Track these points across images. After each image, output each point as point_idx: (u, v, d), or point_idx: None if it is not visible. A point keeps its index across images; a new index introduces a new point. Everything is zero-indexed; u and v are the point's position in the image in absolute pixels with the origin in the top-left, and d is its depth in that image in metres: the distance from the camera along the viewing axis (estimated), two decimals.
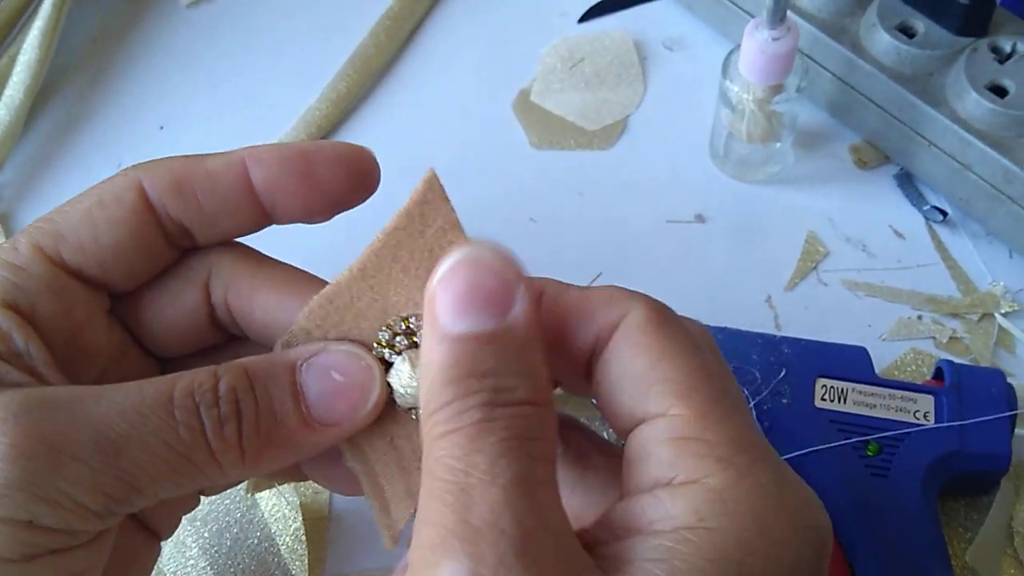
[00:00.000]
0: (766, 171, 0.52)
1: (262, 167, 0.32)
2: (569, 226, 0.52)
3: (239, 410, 0.29)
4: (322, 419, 0.29)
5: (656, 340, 0.27)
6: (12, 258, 0.30)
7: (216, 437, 0.28)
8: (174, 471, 0.28)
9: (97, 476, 0.27)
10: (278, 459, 0.30)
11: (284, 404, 0.29)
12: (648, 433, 0.27)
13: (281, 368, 0.30)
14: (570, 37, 0.58)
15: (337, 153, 0.33)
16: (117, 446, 0.27)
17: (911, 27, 0.49)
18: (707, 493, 0.25)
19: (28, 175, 0.55)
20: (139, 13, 0.62)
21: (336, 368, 0.29)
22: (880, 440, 0.40)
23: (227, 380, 0.29)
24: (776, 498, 0.25)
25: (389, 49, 0.58)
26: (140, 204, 0.31)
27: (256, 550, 0.42)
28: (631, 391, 0.27)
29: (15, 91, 0.54)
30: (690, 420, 0.26)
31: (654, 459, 0.26)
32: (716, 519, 0.25)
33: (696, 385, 0.26)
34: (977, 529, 0.41)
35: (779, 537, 0.25)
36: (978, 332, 0.47)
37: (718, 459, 0.25)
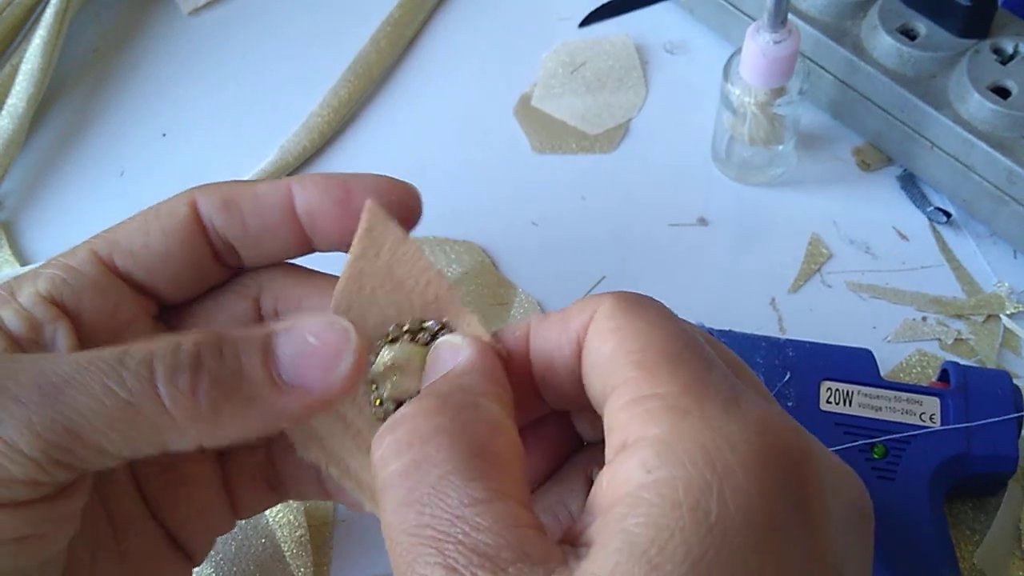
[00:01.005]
0: (768, 174, 0.52)
1: (304, 192, 0.33)
2: (571, 230, 0.52)
3: (199, 362, 0.28)
4: (292, 380, 0.28)
5: (620, 322, 0.27)
6: (67, 259, 0.33)
7: (168, 383, 0.27)
8: (117, 418, 0.27)
9: (32, 416, 0.26)
10: (242, 418, 0.28)
11: (252, 360, 0.28)
12: (609, 406, 0.26)
13: (256, 332, 0.29)
14: (571, 41, 0.58)
15: (376, 185, 0.33)
16: (57, 388, 0.27)
17: (913, 29, 0.49)
18: (654, 444, 0.24)
19: (31, 183, 0.55)
20: (141, 21, 0.62)
21: (311, 331, 0.29)
22: (886, 443, 0.40)
23: (193, 338, 0.28)
24: (725, 428, 0.24)
25: (390, 55, 0.58)
26: (191, 218, 0.33)
27: (260, 556, 0.42)
28: (598, 376, 0.27)
29: (18, 100, 0.55)
30: (641, 380, 0.26)
31: (614, 430, 0.26)
32: (663, 467, 0.24)
33: (649, 347, 0.26)
34: (985, 531, 0.41)
35: (733, 466, 0.23)
36: (983, 333, 0.47)
37: (667, 408, 0.25)
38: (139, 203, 0.54)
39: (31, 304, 0.31)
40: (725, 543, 0.22)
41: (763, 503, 0.23)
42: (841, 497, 0.26)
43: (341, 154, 0.55)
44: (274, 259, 0.35)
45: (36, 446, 0.26)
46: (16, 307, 0.31)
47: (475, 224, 0.52)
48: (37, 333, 0.31)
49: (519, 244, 0.51)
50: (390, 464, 0.26)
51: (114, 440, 0.27)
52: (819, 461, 0.25)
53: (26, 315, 0.31)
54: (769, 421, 0.25)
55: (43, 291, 0.31)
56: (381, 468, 0.26)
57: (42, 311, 0.31)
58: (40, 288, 0.32)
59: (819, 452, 0.26)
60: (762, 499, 0.23)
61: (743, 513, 0.23)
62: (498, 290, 0.49)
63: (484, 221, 0.52)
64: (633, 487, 0.24)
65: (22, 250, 0.53)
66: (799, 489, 0.24)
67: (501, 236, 0.51)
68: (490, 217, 0.52)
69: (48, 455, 0.26)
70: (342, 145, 0.56)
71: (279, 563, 0.42)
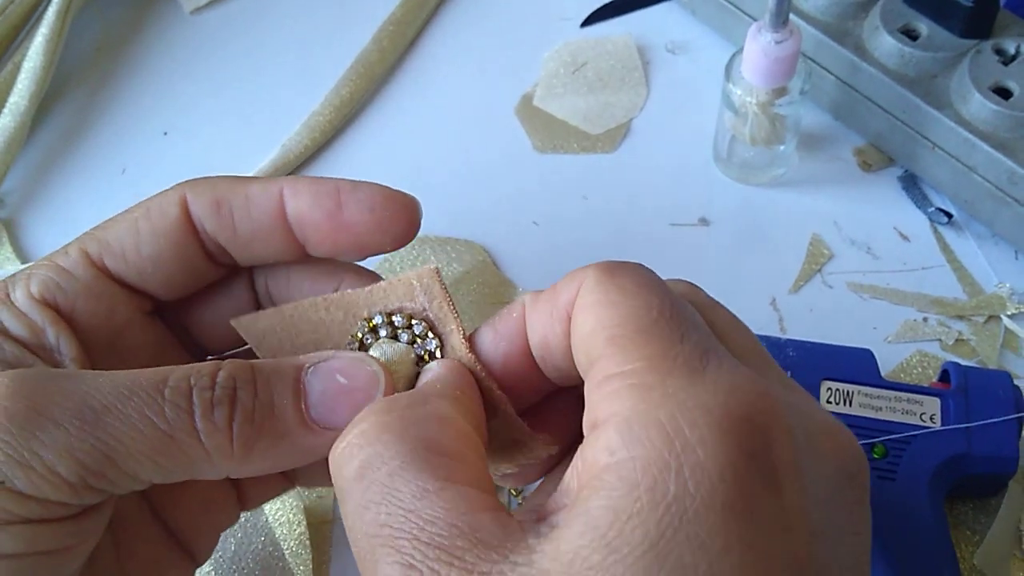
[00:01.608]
0: (770, 174, 0.52)
1: (296, 198, 0.32)
2: (573, 230, 0.52)
3: (234, 397, 0.28)
4: (322, 420, 0.29)
5: (599, 296, 0.26)
6: (61, 261, 0.32)
7: (204, 418, 0.28)
8: (154, 448, 0.27)
9: (72, 442, 0.27)
10: (272, 455, 0.29)
11: (284, 398, 0.29)
12: (586, 387, 0.26)
13: (287, 367, 0.30)
14: (573, 41, 0.58)
15: (370, 196, 0.32)
16: (97, 415, 0.27)
17: (914, 29, 0.49)
18: (617, 424, 0.23)
19: (33, 181, 0.55)
20: (143, 20, 0.62)
21: (342, 372, 0.29)
22: (887, 443, 0.40)
23: (228, 369, 0.29)
24: (687, 401, 0.23)
25: (392, 54, 0.58)
26: (182, 220, 0.33)
27: (260, 554, 0.42)
28: (583, 352, 0.27)
29: (20, 98, 0.55)
30: (612, 357, 0.25)
31: (588, 408, 0.25)
32: (623, 448, 0.23)
33: (623, 320, 0.25)
34: (985, 532, 0.41)
35: (694, 440, 0.23)
36: (984, 334, 0.47)
37: (631, 386, 0.24)
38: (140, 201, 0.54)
39: (26, 307, 0.31)
40: (684, 524, 0.22)
41: (725, 479, 0.22)
42: (823, 459, 0.25)
43: (343, 153, 0.55)
44: (266, 262, 0.34)
45: (74, 471, 0.27)
46: (13, 310, 0.31)
47: (476, 223, 0.52)
48: (39, 337, 0.31)
49: (520, 244, 0.51)
50: (343, 468, 0.26)
51: (147, 468, 0.28)
52: (792, 424, 0.24)
53: (25, 319, 0.31)
54: (734, 386, 0.24)
55: (36, 293, 0.31)
56: (336, 474, 0.26)
57: (39, 314, 0.31)
58: (33, 290, 0.31)
59: (797, 413, 0.25)
60: (723, 474, 0.22)
61: (703, 491, 0.22)
62: (499, 289, 0.49)
63: (485, 220, 0.52)
64: (598, 470, 0.23)
65: (23, 248, 0.53)
66: (766, 457, 0.23)
67: (502, 235, 0.51)
68: (491, 216, 0.52)
69: (84, 480, 0.27)
70: (344, 144, 0.56)
71: (279, 561, 0.42)
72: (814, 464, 0.25)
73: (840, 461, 0.26)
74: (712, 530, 0.22)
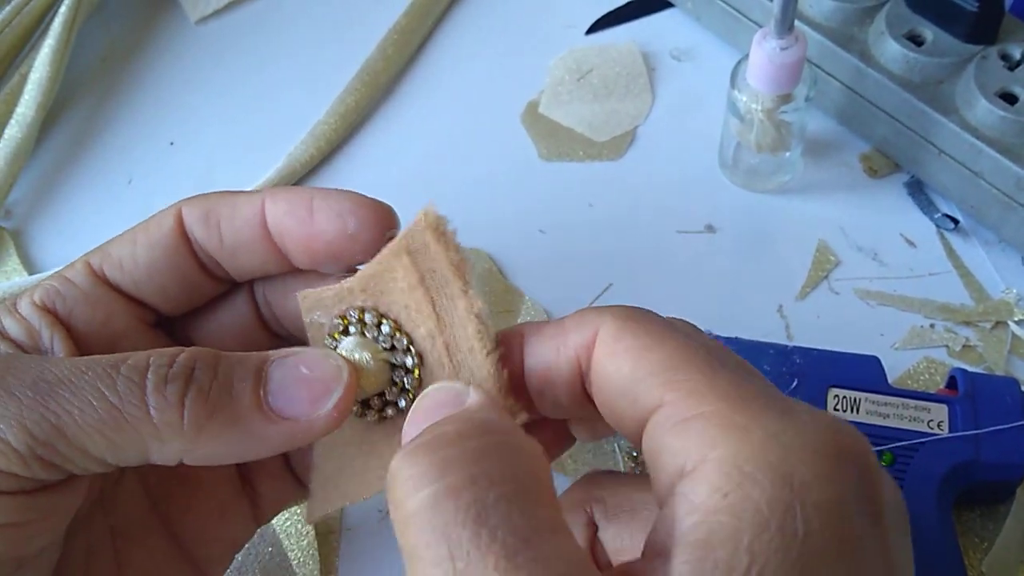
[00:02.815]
0: (776, 180, 0.52)
1: (274, 207, 0.33)
2: (579, 237, 0.52)
3: (190, 375, 0.28)
4: (279, 407, 0.28)
5: (631, 342, 0.27)
6: (65, 271, 0.33)
7: (156, 392, 0.27)
8: (103, 422, 0.27)
9: (23, 411, 0.27)
10: (224, 438, 0.28)
11: (242, 382, 0.28)
12: (651, 431, 0.26)
13: (252, 358, 0.29)
14: (578, 48, 0.58)
15: (338, 203, 0.32)
16: (51, 386, 0.27)
17: (920, 35, 0.49)
18: (721, 465, 0.23)
19: (40, 192, 0.56)
20: (148, 31, 0.62)
21: (305, 363, 0.29)
22: (894, 450, 0.40)
23: (191, 352, 0.29)
24: (790, 441, 0.23)
25: (397, 63, 0.58)
26: (176, 231, 0.33)
27: (268, 564, 0.42)
28: (625, 399, 0.27)
29: (27, 108, 0.55)
30: (681, 401, 0.25)
31: (665, 455, 0.25)
32: (739, 488, 0.23)
33: (679, 366, 0.26)
34: (993, 539, 0.41)
35: (808, 479, 0.23)
36: (992, 340, 0.47)
37: (720, 427, 0.24)
38: (147, 211, 0.54)
39: (28, 312, 0.32)
40: (815, 562, 0.22)
41: (843, 514, 0.23)
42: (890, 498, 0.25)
43: (348, 162, 0.56)
44: (255, 274, 0.34)
45: (22, 441, 0.27)
46: (16, 316, 0.32)
47: (482, 231, 0.52)
48: (35, 340, 0.31)
49: (526, 251, 0.51)
50: (432, 482, 0.23)
51: (97, 443, 0.27)
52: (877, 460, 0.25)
53: (25, 323, 0.32)
54: (826, 422, 0.24)
55: (37, 300, 0.32)
56: (416, 488, 0.23)
57: (37, 319, 0.32)
58: (35, 298, 0.32)
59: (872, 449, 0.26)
60: (841, 509, 0.23)
61: (826, 528, 0.22)
62: (505, 297, 0.49)
63: (491, 228, 0.52)
64: (708, 513, 0.23)
65: (31, 258, 0.53)
66: (870, 492, 0.24)
67: (508, 243, 0.51)
68: (497, 224, 0.52)
69: (32, 451, 0.27)
70: (349, 153, 0.56)
71: (286, 571, 0.42)
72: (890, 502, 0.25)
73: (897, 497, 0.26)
74: (837, 567, 0.22)
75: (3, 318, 0.32)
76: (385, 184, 0.54)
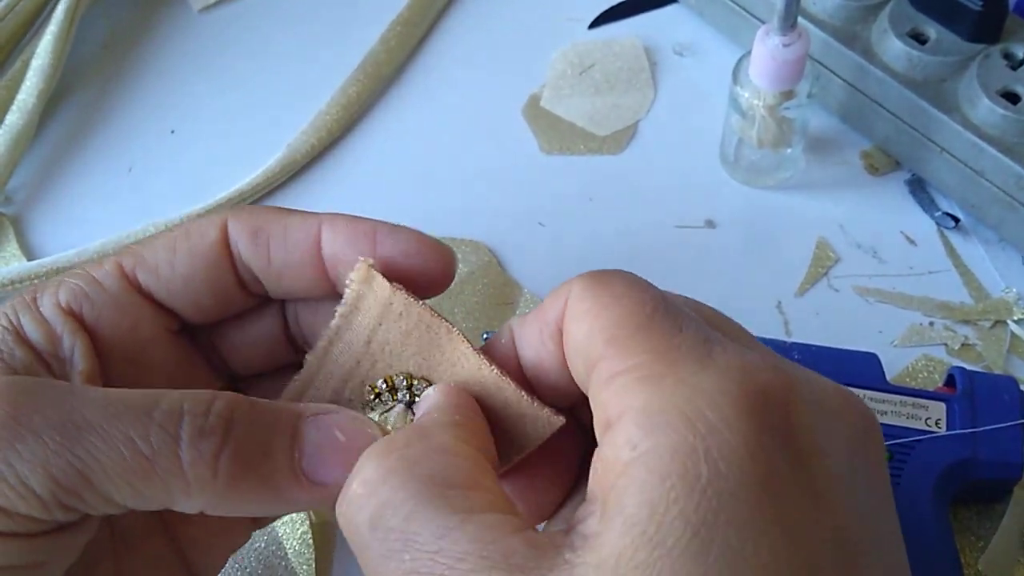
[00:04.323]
0: (777, 177, 0.52)
1: (332, 235, 0.32)
2: (578, 231, 0.51)
3: (228, 429, 0.27)
4: (312, 473, 0.28)
5: (591, 303, 0.27)
6: (94, 271, 0.32)
7: (191, 447, 0.27)
8: (133, 472, 0.26)
9: (49, 456, 0.26)
10: (253, 499, 0.28)
11: (278, 443, 0.28)
12: (592, 389, 0.26)
13: (287, 412, 0.29)
14: (580, 43, 0.58)
15: (406, 241, 0.32)
16: (79, 430, 0.26)
17: (923, 33, 0.49)
18: (635, 416, 0.23)
19: (40, 179, 0.56)
20: (151, 18, 0.62)
21: (340, 428, 0.29)
22: (891, 447, 0.40)
23: (226, 400, 0.28)
24: (701, 385, 0.23)
25: (399, 55, 0.58)
26: (220, 243, 0.32)
27: (263, 554, 0.42)
28: (581, 359, 0.27)
29: (28, 95, 0.55)
30: (615, 356, 0.25)
31: (597, 410, 0.25)
32: (646, 439, 0.23)
33: (624, 322, 0.26)
34: (990, 537, 0.41)
35: (715, 422, 0.23)
36: (991, 339, 0.47)
37: (639, 378, 0.24)
38: (147, 199, 0.54)
39: (51, 314, 0.31)
40: (723, 505, 0.22)
41: (753, 455, 0.22)
42: (839, 421, 0.25)
43: (349, 153, 0.56)
44: (297, 296, 0.34)
45: (46, 487, 0.26)
46: (37, 316, 0.31)
47: (482, 224, 0.52)
48: (55, 346, 0.30)
49: (526, 244, 0.51)
50: (354, 521, 0.25)
51: (123, 492, 0.27)
52: (805, 393, 0.24)
53: (45, 326, 0.30)
54: (745, 366, 0.24)
55: (63, 302, 0.31)
56: (348, 528, 0.25)
57: (60, 323, 0.30)
58: (61, 298, 0.31)
59: (806, 382, 0.25)
60: (751, 451, 0.22)
61: (735, 470, 0.22)
62: (504, 290, 0.49)
63: (491, 221, 0.52)
64: (622, 466, 0.23)
65: (30, 245, 0.53)
66: (787, 429, 0.23)
67: (508, 236, 0.51)
68: (497, 217, 0.52)
69: (56, 497, 0.26)
70: (350, 144, 0.56)
71: (282, 560, 0.42)
72: (831, 429, 0.25)
73: (853, 421, 0.26)
74: (751, 508, 0.22)
75: (22, 315, 0.31)
76: (386, 175, 0.54)
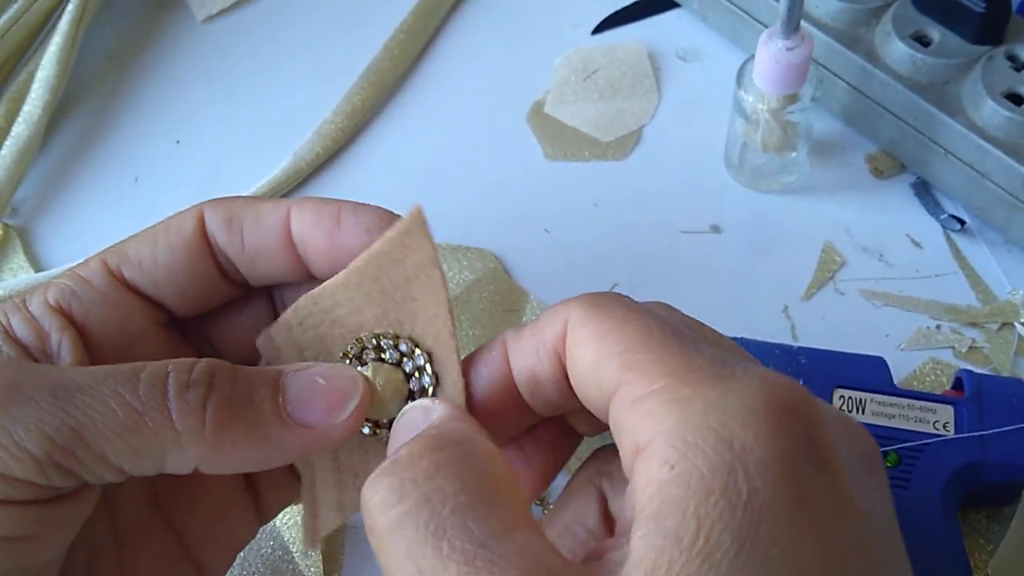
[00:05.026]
0: (781, 181, 0.52)
1: (300, 217, 0.33)
2: (584, 237, 0.51)
3: (211, 382, 0.28)
4: (297, 415, 0.29)
5: (594, 327, 0.27)
6: (80, 270, 0.33)
7: (178, 397, 0.28)
8: (124, 426, 0.27)
9: (43, 416, 0.27)
10: (244, 445, 0.28)
11: (261, 390, 0.29)
12: (612, 413, 0.26)
13: (268, 370, 0.30)
14: (584, 48, 0.58)
15: (368, 218, 0.32)
16: (69, 392, 0.27)
17: (926, 36, 0.49)
18: (668, 439, 0.24)
19: (46, 189, 0.56)
20: (155, 29, 0.62)
21: (321, 374, 0.30)
22: (899, 451, 0.40)
23: (208, 361, 0.29)
24: (729, 405, 0.24)
25: (403, 62, 0.58)
26: (197, 233, 0.33)
27: (270, 558, 0.42)
28: (592, 384, 0.27)
29: (33, 107, 0.55)
30: (635, 380, 0.26)
31: (624, 435, 0.26)
32: (683, 460, 0.23)
33: (635, 346, 0.26)
34: (999, 540, 0.41)
35: (748, 440, 0.24)
36: (998, 341, 0.46)
37: (666, 402, 0.25)
38: (153, 209, 0.54)
39: (39, 313, 0.31)
40: (763, 518, 0.23)
41: (785, 470, 0.23)
42: (847, 444, 0.26)
43: (354, 161, 0.56)
44: (273, 281, 0.34)
45: (41, 446, 0.26)
46: (25, 315, 0.31)
47: (487, 231, 0.52)
48: (43, 342, 0.31)
49: (531, 251, 0.51)
50: (393, 506, 0.25)
51: (117, 448, 0.27)
52: (822, 410, 0.26)
53: (33, 323, 0.31)
54: (766, 382, 0.25)
55: (51, 300, 0.32)
56: (381, 513, 0.25)
57: (48, 320, 0.31)
58: (49, 297, 0.32)
59: (819, 401, 0.26)
60: (783, 465, 0.23)
61: (771, 485, 0.23)
62: (510, 297, 0.49)
63: (496, 228, 0.52)
64: (659, 486, 0.24)
65: (37, 256, 0.53)
66: (811, 441, 0.24)
67: (513, 243, 0.51)
68: (502, 224, 0.52)
69: (51, 457, 0.27)
70: (355, 152, 0.56)
71: (289, 564, 0.42)
72: (843, 441, 0.26)
73: (858, 443, 0.27)
74: (787, 521, 0.23)
75: (11, 316, 0.31)
76: (391, 183, 0.55)
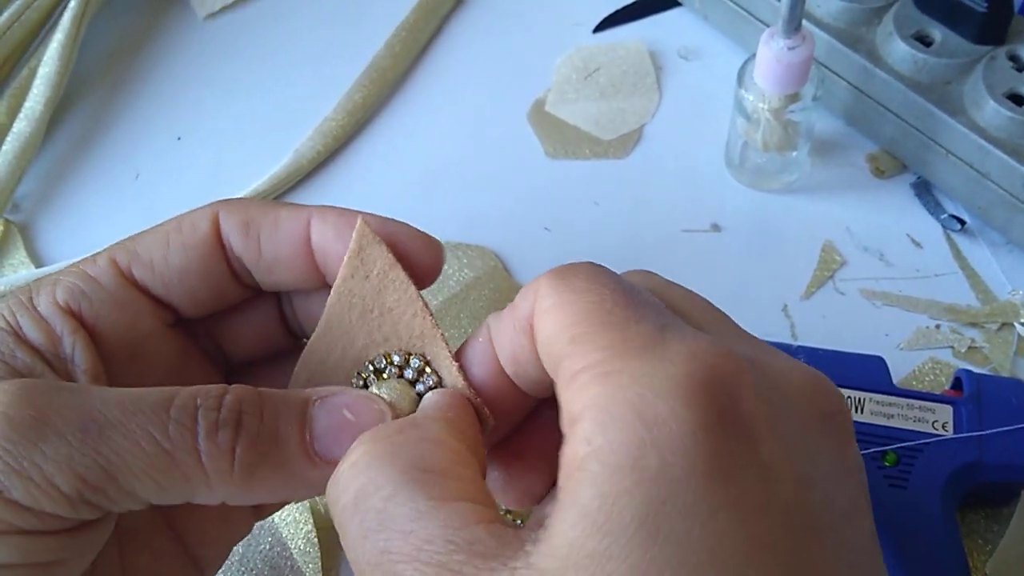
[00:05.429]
0: (782, 180, 0.52)
1: (321, 228, 0.32)
2: (584, 236, 0.52)
3: (240, 421, 0.28)
4: (324, 453, 0.29)
5: (555, 299, 0.27)
6: (88, 268, 0.32)
7: (207, 439, 0.27)
8: (155, 467, 0.27)
9: (74, 455, 0.26)
10: (271, 484, 0.29)
11: (288, 427, 0.29)
12: (557, 388, 0.26)
13: (294, 398, 0.29)
14: (585, 47, 0.58)
15: (393, 235, 0.32)
16: (101, 429, 0.27)
17: (928, 36, 0.49)
18: (592, 414, 0.24)
19: (48, 185, 0.56)
20: (157, 26, 0.62)
21: (349, 407, 0.29)
22: (898, 451, 0.40)
23: (236, 393, 0.29)
24: (648, 377, 0.24)
25: (404, 60, 0.58)
26: (212, 235, 0.33)
27: (268, 555, 0.42)
28: (548, 356, 0.27)
29: (35, 103, 0.55)
30: (575, 354, 0.25)
31: (563, 409, 0.26)
32: (600, 435, 0.23)
33: (584, 319, 0.26)
34: (998, 541, 0.41)
35: (664, 412, 0.23)
36: (997, 342, 0.46)
37: (596, 375, 0.24)
38: (154, 206, 0.54)
39: (49, 313, 0.31)
40: (670, 495, 0.22)
41: (700, 443, 0.23)
42: (797, 405, 0.25)
43: (355, 158, 0.56)
44: (287, 288, 0.34)
45: (72, 485, 0.26)
46: (35, 316, 0.31)
47: (488, 229, 0.52)
48: (56, 346, 0.30)
49: (532, 249, 0.51)
50: (340, 500, 0.26)
51: (146, 486, 0.27)
52: (757, 377, 0.25)
53: (44, 326, 0.31)
54: (694, 351, 0.24)
55: (61, 300, 0.31)
56: (333, 507, 0.26)
57: (60, 322, 0.31)
58: (58, 297, 0.31)
59: (761, 366, 0.25)
60: (698, 439, 0.23)
61: (682, 459, 0.22)
62: (510, 295, 0.49)
63: (497, 226, 0.52)
64: (579, 461, 0.24)
65: (38, 252, 0.53)
66: (736, 412, 0.24)
67: (514, 241, 0.51)
68: (503, 222, 0.52)
69: (81, 495, 0.27)
70: (356, 149, 0.56)
71: (287, 561, 0.42)
72: (788, 412, 0.25)
73: (815, 404, 0.26)
74: (697, 494, 0.22)
75: (19, 316, 0.31)
76: (392, 180, 0.55)
